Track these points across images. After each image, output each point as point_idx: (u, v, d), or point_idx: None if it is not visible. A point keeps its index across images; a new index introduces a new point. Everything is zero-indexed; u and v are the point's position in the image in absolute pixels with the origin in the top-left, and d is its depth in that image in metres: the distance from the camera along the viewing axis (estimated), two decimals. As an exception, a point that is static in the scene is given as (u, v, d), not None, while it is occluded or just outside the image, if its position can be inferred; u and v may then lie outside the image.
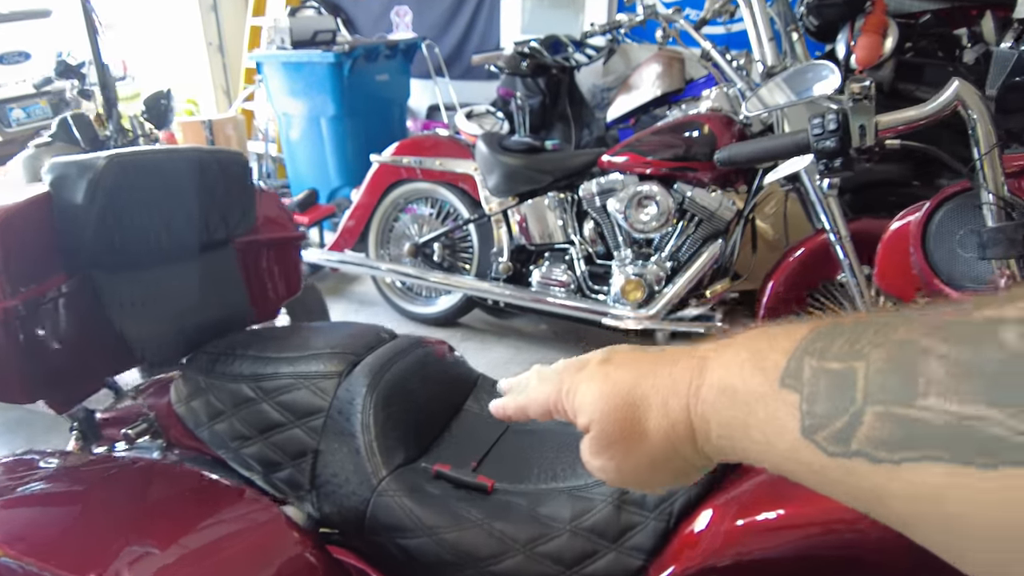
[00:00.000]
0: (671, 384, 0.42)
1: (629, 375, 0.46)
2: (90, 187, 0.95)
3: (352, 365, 0.98)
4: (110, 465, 1.05)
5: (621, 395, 0.45)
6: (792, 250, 2.19)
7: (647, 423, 0.43)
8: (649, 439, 0.43)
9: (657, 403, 0.43)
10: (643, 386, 0.44)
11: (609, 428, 0.45)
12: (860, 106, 1.02)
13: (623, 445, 0.45)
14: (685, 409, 0.41)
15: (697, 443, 0.41)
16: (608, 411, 0.45)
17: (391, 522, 0.84)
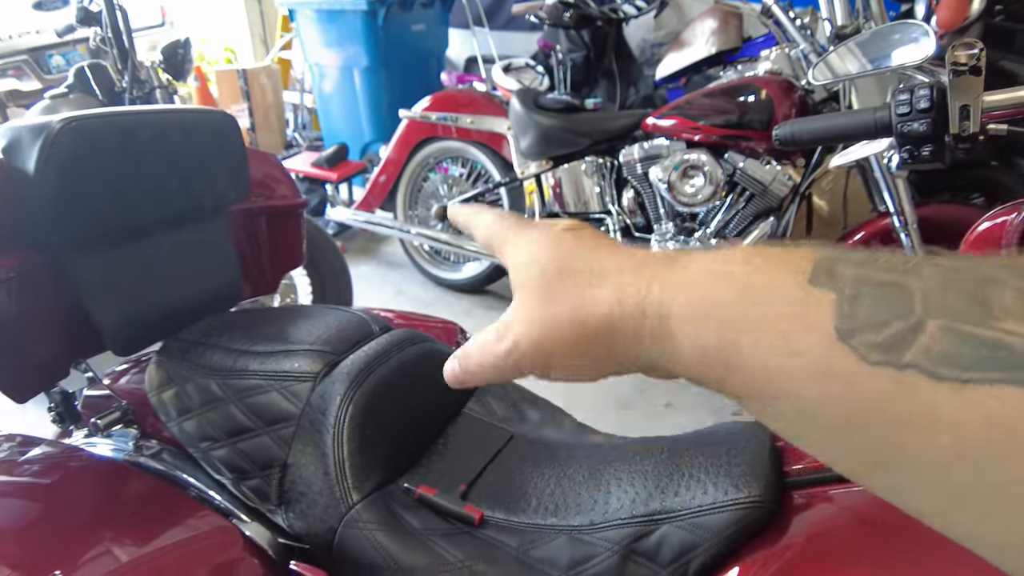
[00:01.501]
0: (634, 262, 0.36)
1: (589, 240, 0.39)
2: (41, 155, 0.83)
3: (331, 366, 0.86)
4: (74, 461, 0.96)
5: (556, 267, 0.38)
6: (851, 233, 1.99)
7: (589, 286, 0.36)
8: (584, 302, 0.36)
9: (611, 272, 0.36)
10: (599, 255, 0.38)
11: (541, 269, 0.38)
12: (964, 80, 0.80)
13: (546, 295, 0.38)
14: (646, 284, 0.34)
15: (647, 325, 0.33)
16: (547, 266, 0.38)
17: (359, 557, 0.73)
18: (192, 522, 0.80)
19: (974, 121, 0.82)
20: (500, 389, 0.99)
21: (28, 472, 0.94)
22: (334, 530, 0.75)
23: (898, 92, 0.87)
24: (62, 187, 0.87)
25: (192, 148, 1.03)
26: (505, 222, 0.43)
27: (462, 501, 0.77)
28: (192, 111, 1.06)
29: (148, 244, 1.01)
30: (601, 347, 0.36)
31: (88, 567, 0.75)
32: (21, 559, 0.77)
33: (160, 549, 0.77)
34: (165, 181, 1.00)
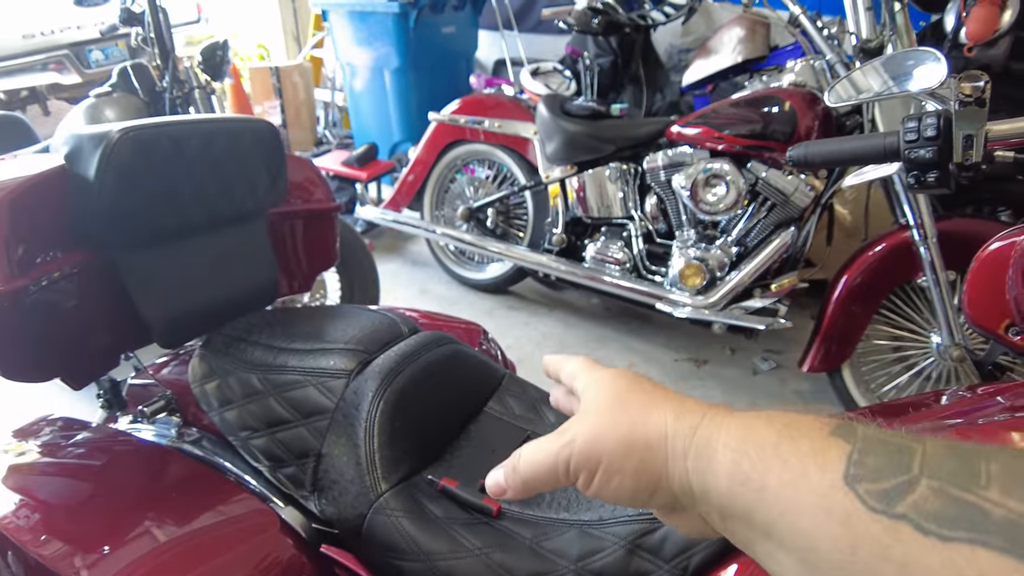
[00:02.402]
0: (689, 400, 0.42)
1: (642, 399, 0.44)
2: (101, 161, 0.90)
3: (364, 364, 0.92)
4: (123, 445, 1.03)
5: (622, 388, 0.44)
6: (871, 244, 2.00)
7: (650, 405, 0.42)
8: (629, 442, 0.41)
9: (670, 400, 0.42)
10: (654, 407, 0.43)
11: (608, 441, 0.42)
12: (969, 111, 0.83)
13: (611, 407, 0.43)
14: (700, 411, 0.40)
15: (694, 443, 0.38)
16: (616, 386, 0.44)
17: (386, 541, 0.78)
18: (232, 504, 0.87)
19: (977, 151, 0.85)
20: (519, 389, 1.04)
21: (81, 453, 1.02)
22: (363, 516, 0.80)
23: (907, 119, 0.91)
24: (119, 191, 0.94)
25: (236, 155, 1.10)
26: (581, 361, 0.50)
27: (481, 494, 0.82)
28: (237, 120, 1.13)
29: (193, 244, 1.08)
30: (650, 461, 0.40)
31: (136, 543, 0.82)
32: (74, 534, 0.84)
33: (203, 528, 0.84)
34: (210, 186, 1.06)
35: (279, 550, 0.82)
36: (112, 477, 0.95)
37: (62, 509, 0.91)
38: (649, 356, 2.68)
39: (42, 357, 0.97)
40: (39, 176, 0.95)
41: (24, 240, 0.92)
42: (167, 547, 0.81)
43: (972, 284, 1.10)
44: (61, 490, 0.95)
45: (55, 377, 1.02)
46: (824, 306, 2.07)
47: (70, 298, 0.99)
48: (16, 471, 0.98)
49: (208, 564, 0.79)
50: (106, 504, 0.89)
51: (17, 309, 0.92)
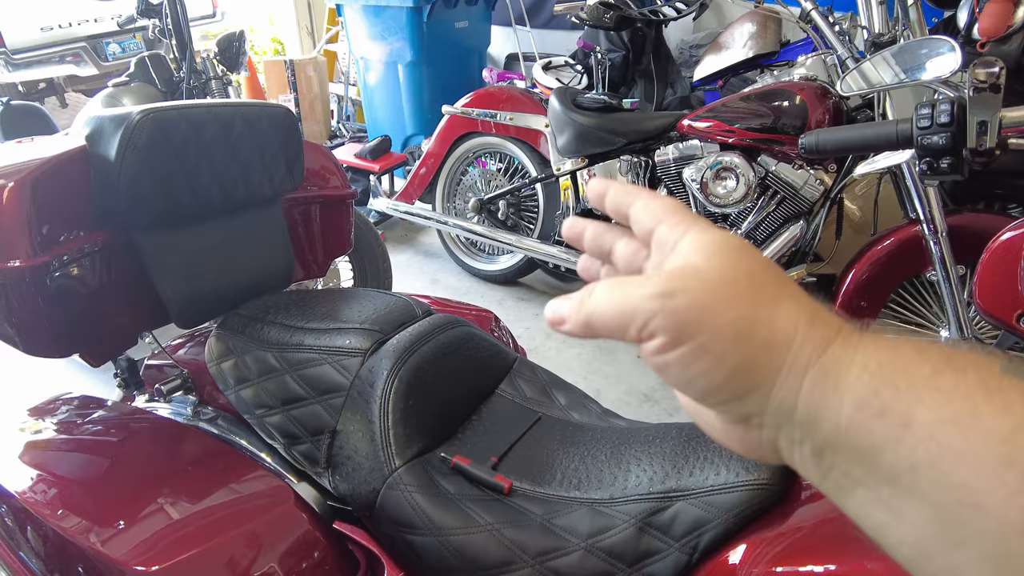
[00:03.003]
0: (825, 309, 0.33)
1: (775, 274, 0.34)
2: (122, 143, 0.93)
3: (378, 343, 0.94)
4: (141, 422, 1.05)
5: (756, 260, 0.34)
6: (880, 239, 2.01)
7: (781, 296, 0.32)
8: (764, 325, 0.31)
9: (804, 299, 0.33)
10: (784, 287, 0.33)
11: (721, 275, 0.32)
12: (983, 97, 0.84)
13: (732, 275, 0.32)
14: (837, 323, 0.32)
15: (823, 361, 0.30)
16: (729, 260, 0.33)
17: (399, 516, 0.80)
18: (249, 480, 0.89)
19: (991, 136, 0.86)
20: (530, 372, 1.06)
21: (100, 430, 1.04)
22: (377, 491, 0.82)
23: (920, 106, 0.91)
24: (139, 172, 0.96)
25: (253, 140, 1.12)
26: (681, 210, 0.37)
27: (493, 471, 0.84)
28: (254, 105, 1.15)
29: (210, 227, 1.11)
30: (761, 362, 0.31)
31: (154, 516, 0.84)
32: (93, 508, 0.86)
33: (220, 502, 0.86)
34: (228, 169, 1.09)
35: (294, 525, 0.84)
36: (131, 452, 0.98)
37: (81, 483, 0.94)
38: (658, 349, 2.69)
39: (62, 333, 0.99)
40: (61, 157, 0.98)
41: (47, 219, 0.95)
42: (185, 520, 0.83)
43: (983, 274, 1.11)
44: (80, 465, 0.98)
45: (75, 353, 1.04)
46: (833, 298, 2.08)
47: (91, 276, 1.01)
48: (35, 447, 1.01)
49: (224, 537, 0.81)
50: (125, 478, 0.92)
51: (39, 285, 0.94)
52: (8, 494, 0.91)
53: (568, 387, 1.05)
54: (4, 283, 0.92)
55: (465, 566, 0.76)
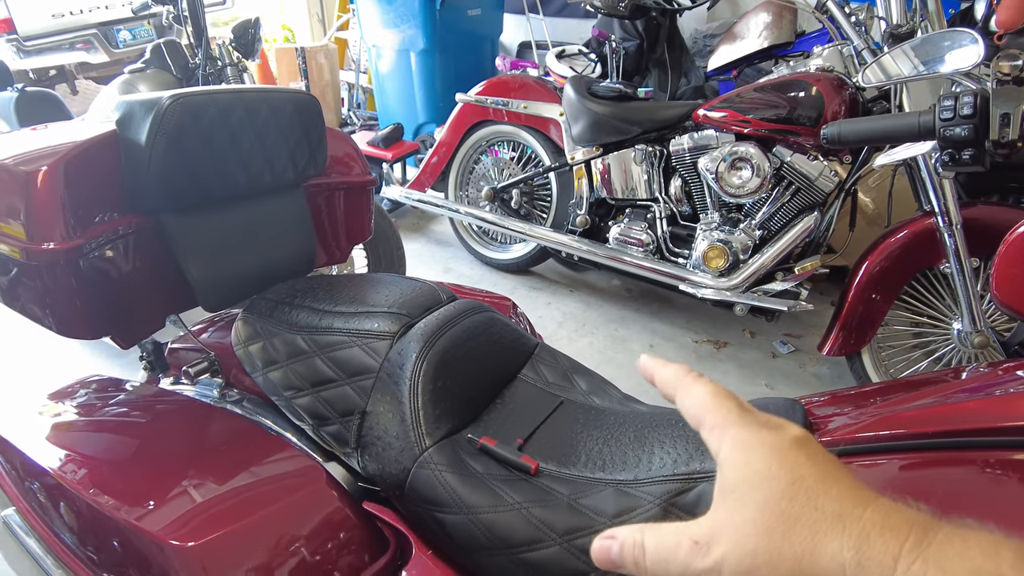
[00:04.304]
0: (879, 514, 0.32)
1: (819, 470, 0.34)
2: (152, 127, 0.94)
3: (406, 327, 0.95)
4: (170, 403, 1.07)
5: (786, 488, 0.33)
6: (894, 231, 2.01)
7: (823, 531, 0.31)
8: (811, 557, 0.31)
9: (851, 519, 0.32)
10: (835, 491, 0.33)
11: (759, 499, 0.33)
12: (1006, 89, 0.85)
13: (771, 523, 0.33)
14: (892, 555, 0.30)
15: None
16: (776, 485, 0.33)
17: (429, 495, 0.82)
18: (280, 459, 0.91)
19: (1013, 128, 0.87)
20: (551, 358, 1.07)
21: (130, 410, 1.06)
22: (407, 470, 0.84)
23: (943, 98, 0.92)
24: (168, 156, 0.98)
25: (279, 125, 1.13)
26: (726, 402, 0.38)
27: (519, 452, 0.85)
28: (280, 91, 1.16)
29: (236, 211, 1.12)
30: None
31: (190, 494, 0.86)
32: (127, 484, 0.88)
33: (252, 480, 0.88)
34: (254, 154, 1.10)
35: (325, 503, 0.86)
36: (162, 431, 1.00)
37: (116, 461, 0.96)
38: (669, 337, 2.71)
39: (94, 315, 1.01)
40: (93, 140, 1.00)
41: (79, 202, 0.96)
42: (219, 498, 0.85)
43: (1001, 266, 1.12)
44: (113, 443, 1.00)
45: (106, 335, 1.06)
46: (845, 290, 2.08)
47: (122, 259, 1.03)
48: (67, 426, 1.04)
49: (257, 515, 0.82)
50: (158, 456, 0.94)
51: (73, 267, 0.96)
52: (42, 470, 0.93)
53: (588, 372, 1.06)
54: (39, 265, 0.94)
55: (494, 543, 0.77)
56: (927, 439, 0.65)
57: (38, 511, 0.97)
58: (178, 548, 0.76)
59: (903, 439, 0.67)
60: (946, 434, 0.64)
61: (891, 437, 0.67)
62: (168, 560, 0.77)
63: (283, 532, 0.82)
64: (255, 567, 0.79)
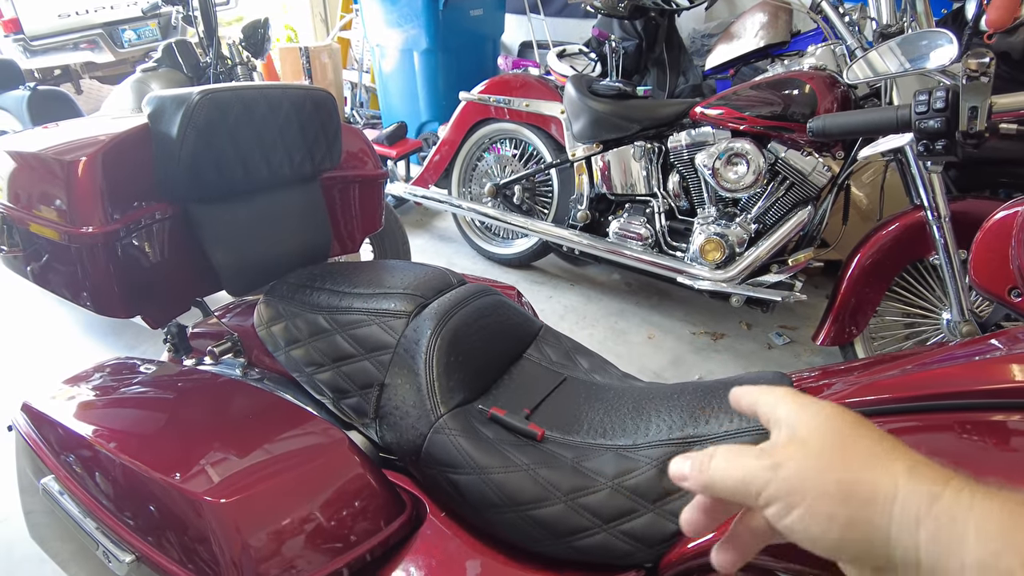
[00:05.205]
0: (927, 459, 0.37)
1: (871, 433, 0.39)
2: (183, 121, 1.01)
3: (421, 307, 1.02)
4: (197, 379, 1.14)
5: (848, 427, 0.39)
6: (885, 224, 2.08)
7: (882, 454, 0.37)
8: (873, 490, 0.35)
9: (904, 452, 0.37)
10: (884, 448, 0.37)
11: (824, 441, 0.38)
12: (974, 85, 0.92)
13: (836, 443, 0.38)
14: (943, 474, 0.35)
15: (934, 512, 0.33)
16: (836, 424, 0.39)
17: (444, 457, 0.89)
18: (305, 426, 0.97)
19: (980, 120, 0.93)
20: (554, 340, 1.14)
21: (161, 385, 1.13)
22: (424, 436, 0.91)
23: (918, 93, 0.99)
24: (197, 149, 1.05)
25: (299, 120, 1.20)
26: (793, 391, 0.44)
27: (527, 420, 0.92)
28: (300, 88, 1.22)
29: (258, 201, 1.19)
30: (867, 517, 0.35)
31: (221, 458, 0.92)
32: (161, 449, 0.94)
33: (280, 446, 0.94)
34: (275, 147, 1.17)
35: (348, 468, 0.93)
36: (193, 404, 1.07)
37: (150, 429, 1.03)
38: (668, 329, 2.78)
39: (128, 295, 1.08)
40: (128, 133, 1.07)
41: (116, 190, 1.03)
42: (248, 460, 0.91)
43: (978, 251, 1.18)
44: (146, 414, 1.07)
45: (139, 314, 1.13)
46: (838, 282, 2.15)
47: (154, 244, 1.10)
48: (102, 401, 1.10)
49: (285, 476, 0.89)
50: (190, 425, 1.00)
51: (110, 250, 1.03)
52: (79, 439, 1.00)
53: (590, 353, 1.13)
54: (79, 248, 1.01)
55: (504, 501, 0.84)
56: (909, 403, 0.70)
57: (76, 479, 1.04)
58: (212, 504, 0.83)
59: (887, 403, 0.71)
60: (927, 397, 0.69)
61: (875, 402, 0.72)
62: (203, 517, 0.84)
63: (308, 493, 0.89)
64: (283, 524, 0.85)
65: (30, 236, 1.09)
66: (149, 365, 1.21)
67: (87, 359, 1.41)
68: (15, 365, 2.55)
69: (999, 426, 0.65)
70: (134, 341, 2.65)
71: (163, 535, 0.89)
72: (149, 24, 5.24)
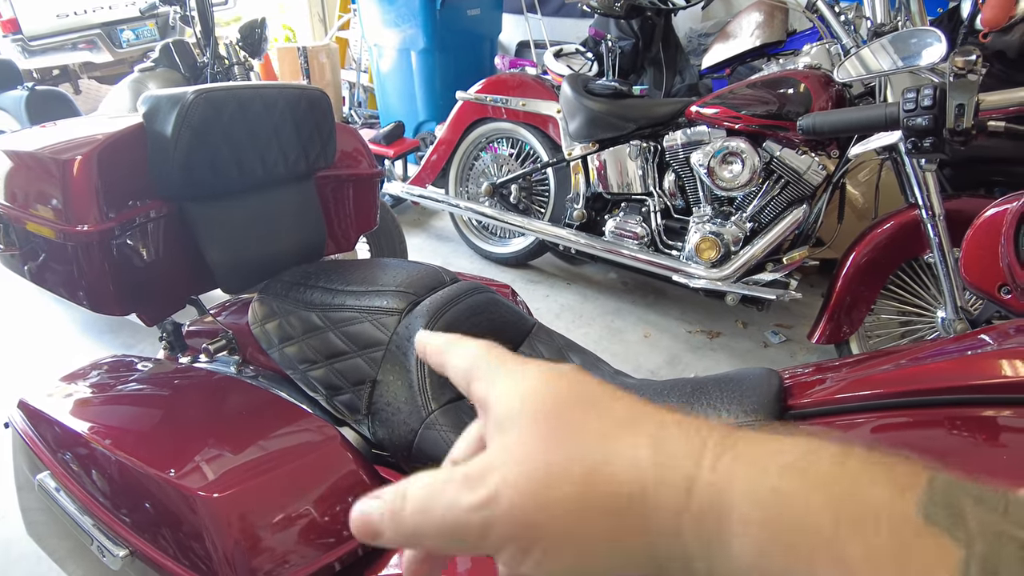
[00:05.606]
0: (675, 415, 0.28)
1: (584, 382, 0.30)
2: (178, 120, 1.02)
3: (413, 304, 1.03)
4: (192, 376, 1.15)
5: (564, 399, 0.29)
6: (880, 222, 2.09)
7: (613, 435, 0.27)
8: (596, 476, 0.26)
9: (645, 420, 0.27)
10: (605, 403, 0.28)
11: (531, 429, 0.28)
12: (961, 82, 0.93)
13: (549, 435, 0.28)
14: (696, 447, 0.26)
15: (693, 507, 0.25)
16: (551, 400, 0.29)
17: (435, 453, 0.90)
18: (298, 423, 0.98)
19: (967, 118, 0.94)
20: (547, 337, 1.14)
21: (157, 383, 1.14)
22: (415, 431, 0.92)
23: (906, 91, 1.00)
24: (192, 147, 1.05)
25: (293, 119, 1.21)
26: (495, 351, 0.34)
27: (518, 417, 0.93)
28: (294, 87, 1.23)
29: (253, 200, 1.20)
30: (620, 528, 0.25)
31: (216, 453, 0.93)
32: (159, 447, 0.95)
33: (274, 442, 0.95)
34: (270, 146, 1.18)
35: (340, 463, 0.94)
36: (188, 400, 1.08)
37: (146, 426, 1.03)
38: (664, 328, 2.79)
39: (123, 293, 1.09)
40: (123, 132, 1.07)
41: (111, 188, 1.04)
42: (242, 456, 0.92)
43: (969, 249, 1.20)
44: (143, 411, 1.08)
45: (133, 312, 1.14)
46: (834, 280, 2.16)
47: (149, 242, 1.11)
48: (98, 398, 1.11)
49: (278, 471, 0.90)
50: (186, 422, 1.01)
51: (105, 248, 1.04)
52: (75, 436, 1.00)
53: (582, 350, 1.14)
54: (75, 246, 1.02)
55: (495, 496, 0.85)
56: (900, 398, 0.70)
57: (72, 476, 1.04)
58: (206, 499, 0.84)
59: (878, 399, 0.71)
60: (918, 392, 0.69)
61: (867, 397, 0.72)
62: (197, 512, 0.84)
63: (301, 489, 0.89)
64: (276, 519, 0.86)
65: (27, 235, 1.10)
66: (145, 363, 1.22)
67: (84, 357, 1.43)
68: (12, 363, 2.56)
69: (989, 421, 0.66)
70: (131, 339, 2.66)
71: (157, 530, 0.89)
72: (147, 24, 5.25)
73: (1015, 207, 1.04)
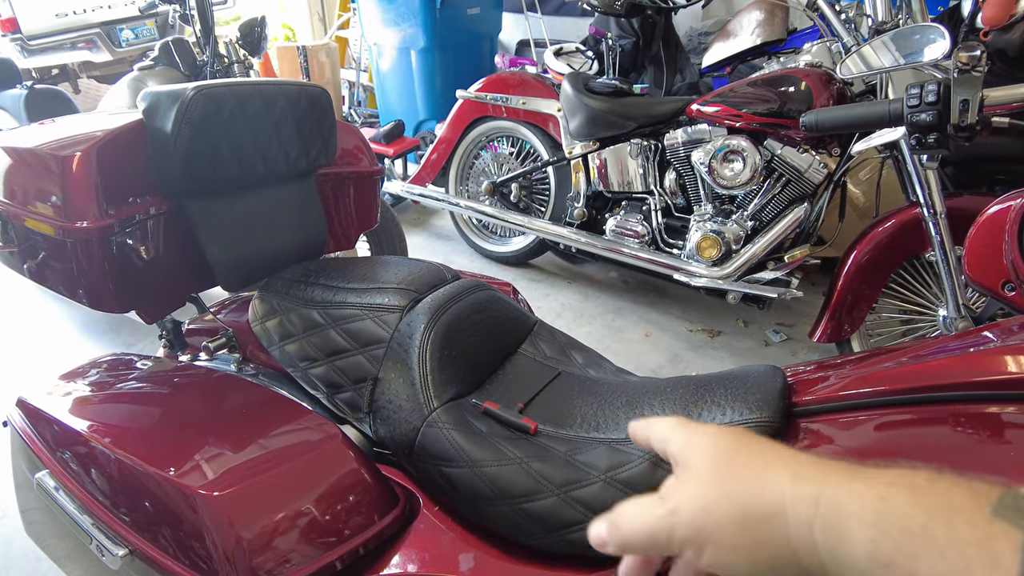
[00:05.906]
0: (808, 458, 0.38)
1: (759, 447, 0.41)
2: (178, 116, 1.01)
3: (415, 301, 1.02)
4: (192, 374, 1.14)
5: (730, 448, 0.41)
6: (881, 221, 2.08)
7: (762, 471, 0.38)
8: (758, 496, 0.37)
9: (784, 460, 0.38)
10: (771, 456, 0.39)
11: (717, 461, 0.40)
12: (966, 78, 0.93)
13: (719, 474, 0.39)
14: (822, 472, 0.36)
15: (819, 515, 0.35)
16: (720, 448, 0.41)
17: (437, 451, 0.89)
18: (299, 421, 0.97)
19: (971, 113, 0.94)
20: (549, 335, 1.14)
21: (157, 381, 1.13)
22: (417, 429, 0.91)
23: (910, 87, 1.00)
24: (192, 144, 1.05)
25: (293, 116, 1.20)
26: (682, 420, 0.46)
27: (520, 414, 0.92)
28: (294, 84, 1.22)
29: (253, 197, 1.19)
30: (768, 536, 0.36)
31: (216, 452, 0.92)
32: (159, 445, 0.95)
33: (275, 440, 0.94)
34: (270, 143, 1.17)
35: (342, 461, 0.93)
36: (189, 398, 1.07)
37: (147, 424, 1.03)
38: (664, 327, 2.78)
39: (122, 291, 1.08)
40: (122, 128, 1.07)
41: (110, 185, 1.04)
42: (243, 454, 0.91)
43: (972, 246, 1.19)
44: (143, 410, 1.07)
45: (133, 310, 1.13)
46: (835, 279, 2.15)
47: (148, 239, 1.10)
48: (98, 397, 1.10)
49: (278, 470, 0.89)
50: (184, 420, 1.01)
51: (105, 245, 1.03)
52: (75, 435, 1.00)
53: (584, 348, 1.13)
54: (74, 243, 1.01)
55: (497, 494, 0.84)
56: (904, 395, 0.70)
57: (71, 474, 1.04)
58: (207, 498, 0.83)
59: (881, 396, 0.71)
60: (921, 389, 0.69)
61: (870, 395, 0.72)
62: (197, 511, 0.84)
63: (302, 487, 0.89)
64: (277, 518, 0.85)
65: (26, 232, 1.10)
66: (144, 361, 1.22)
67: (83, 355, 1.43)
68: (11, 361, 2.55)
69: (993, 418, 0.65)
70: (131, 338, 2.65)
71: (157, 529, 0.89)
72: (147, 23, 5.23)
73: (1019, 204, 1.03)
